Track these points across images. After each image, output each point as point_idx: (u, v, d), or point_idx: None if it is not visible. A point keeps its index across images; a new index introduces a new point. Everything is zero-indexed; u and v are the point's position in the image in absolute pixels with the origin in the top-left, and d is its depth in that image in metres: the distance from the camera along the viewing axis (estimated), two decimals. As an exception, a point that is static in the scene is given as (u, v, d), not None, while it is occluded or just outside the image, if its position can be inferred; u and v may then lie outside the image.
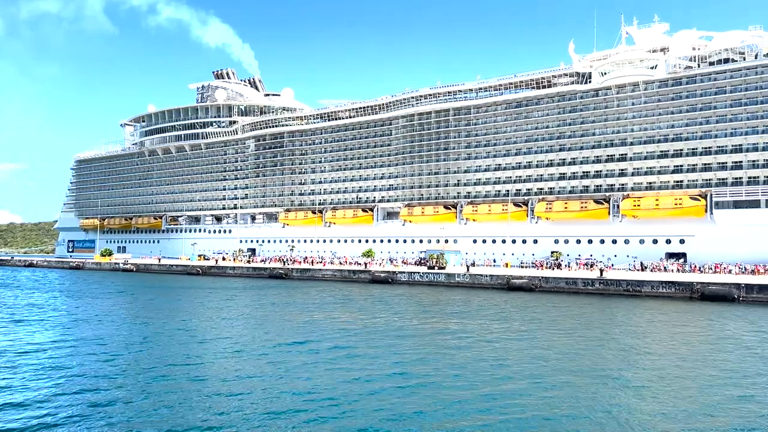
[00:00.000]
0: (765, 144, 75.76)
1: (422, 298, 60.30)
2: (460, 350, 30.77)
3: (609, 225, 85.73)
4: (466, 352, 30.03)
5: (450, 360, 28.20)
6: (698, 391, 22.81)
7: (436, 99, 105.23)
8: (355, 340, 33.65)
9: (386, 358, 28.15)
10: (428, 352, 30.07)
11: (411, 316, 44.60)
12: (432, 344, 32.63)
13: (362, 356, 28.62)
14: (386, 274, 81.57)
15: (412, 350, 30.64)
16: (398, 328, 38.51)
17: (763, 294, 55.28)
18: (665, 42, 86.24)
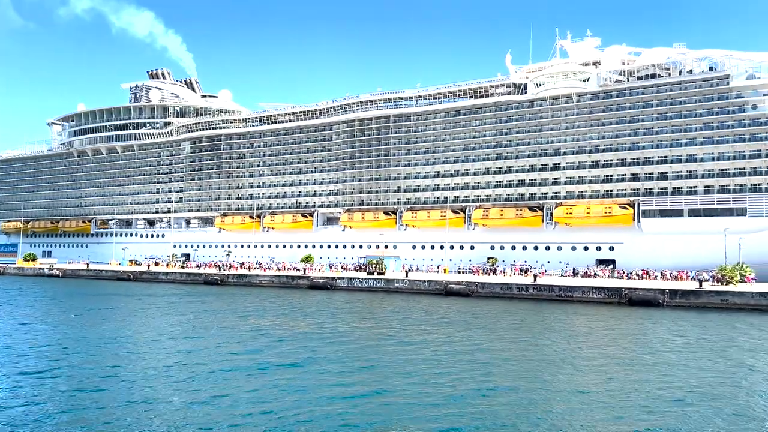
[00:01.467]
0: (688, 156, 79.68)
1: (361, 303, 60.17)
2: (400, 357, 30.79)
3: (543, 232, 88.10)
4: (406, 359, 30.07)
5: (391, 367, 28.15)
6: (634, 392, 23.59)
7: (377, 105, 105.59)
8: (295, 347, 33.15)
9: (330, 367, 27.81)
10: (370, 359, 29.94)
11: (350, 322, 44.39)
12: (372, 351, 32.51)
13: (304, 365, 28.18)
14: (325, 279, 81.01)
15: (354, 357, 30.43)
16: (338, 334, 38.22)
17: (686, 299, 58.01)
18: (597, 56, 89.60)
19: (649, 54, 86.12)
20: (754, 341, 36.87)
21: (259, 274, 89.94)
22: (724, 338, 38.18)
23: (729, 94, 77.38)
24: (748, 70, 77.55)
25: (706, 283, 61.70)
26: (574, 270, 79.88)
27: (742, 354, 32.45)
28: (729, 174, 76.63)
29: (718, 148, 77.60)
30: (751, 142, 75.49)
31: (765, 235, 70.92)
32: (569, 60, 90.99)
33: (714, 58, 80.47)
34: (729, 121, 77.28)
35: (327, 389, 23.65)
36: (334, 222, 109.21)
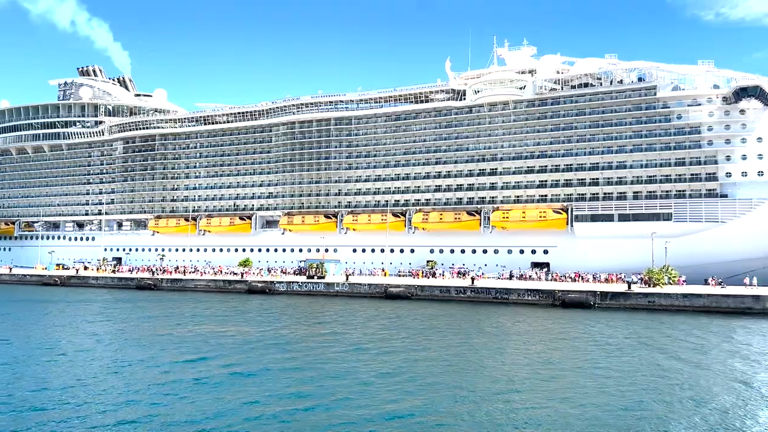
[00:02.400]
0: (618, 163, 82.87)
1: (301, 308, 59.50)
2: (338, 361, 30.53)
3: (480, 236, 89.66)
4: (344, 363, 29.84)
5: (334, 371, 27.85)
6: (572, 389, 24.15)
7: (318, 108, 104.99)
8: (237, 354, 32.35)
9: (274, 374, 27.19)
10: (313, 365, 29.52)
11: (291, 327, 43.80)
12: (314, 356, 32.11)
13: (243, 374, 27.45)
14: (264, 284, 79.76)
15: (296, 363, 29.96)
16: (279, 339, 37.61)
17: (615, 301, 60.20)
18: (533, 64, 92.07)
19: (582, 64, 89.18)
20: (668, 340, 38.54)
21: (195, 279, 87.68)
22: (644, 338, 39.72)
23: (656, 104, 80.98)
24: (673, 81, 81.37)
25: (634, 285, 64.27)
26: (510, 273, 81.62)
27: (655, 353, 33.83)
28: (656, 180, 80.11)
29: (646, 155, 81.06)
30: (676, 151, 79.23)
31: (689, 239, 74.50)
32: (506, 68, 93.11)
33: (642, 70, 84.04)
34: (656, 129, 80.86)
35: (271, 397, 23.15)
36: (273, 225, 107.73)
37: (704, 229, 74.95)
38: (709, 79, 79.37)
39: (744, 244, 71.95)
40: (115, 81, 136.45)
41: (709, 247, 73.46)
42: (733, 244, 72.40)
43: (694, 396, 23.61)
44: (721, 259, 71.98)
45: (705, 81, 79.33)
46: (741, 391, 24.44)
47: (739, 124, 76.14)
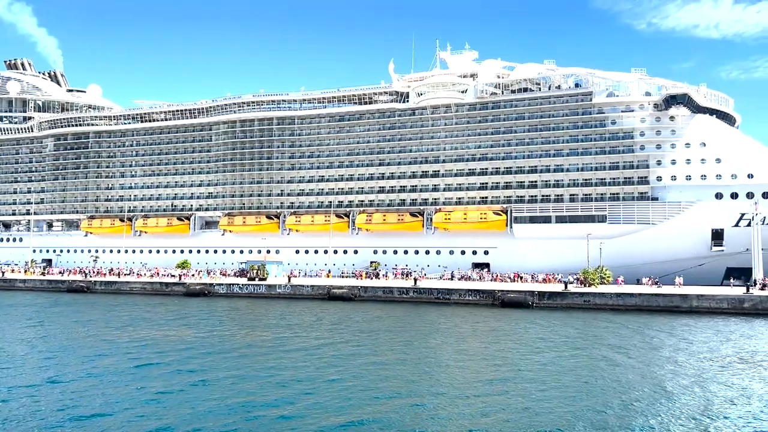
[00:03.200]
0: (555, 166, 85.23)
1: (242, 311, 58.41)
2: (282, 366, 30.06)
3: (423, 237, 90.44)
4: (288, 366, 29.41)
5: (277, 375, 27.37)
6: (515, 389, 24.52)
7: (260, 107, 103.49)
8: (176, 359, 31.38)
9: (219, 378, 26.43)
10: (254, 368, 28.95)
11: (231, 331, 42.90)
12: (254, 359, 31.51)
13: (187, 381, 26.56)
14: (202, 286, 77.89)
15: (236, 369, 29.28)
16: (219, 344, 36.73)
17: (553, 300, 61.80)
18: (474, 68, 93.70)
19: (522, 69, 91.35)
20: (603, 337, 39.86)
21: (130, 281, 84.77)
22: (581, 336, 40.92)
23: (592, 110, 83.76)
24: (608, 87, 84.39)
25: (571, 285, 66.17)
26: (452, 273, 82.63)
27: (593, 350, 34.93)
28: (591, 183, 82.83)
29: (582, 159, 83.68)
30: (611, 155, 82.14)
31: (622, 240, 77.36)
32: (449, 71, 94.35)
33: (579, 76, 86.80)
34: (591, 134, 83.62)
35: (215, 405, 22.50)
36: (213, 226, 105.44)
37: (636, 231, 78.00)
38: (641, 86, 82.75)
39: (673, 245, 75.30)
40: (45, 75, 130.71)
41: (640, 248, 76.54)
42: (663, 245, 75.67)
43: (624, 389, 24.41)
44: (652, 260, 75.11)
45: (638, 88, 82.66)
46: (656, 381, 25.48)
47: (669, 130, 79.62)
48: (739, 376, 27.30)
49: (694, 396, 23.61)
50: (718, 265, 73.78)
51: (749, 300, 55.85)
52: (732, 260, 72.70)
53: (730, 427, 19.78)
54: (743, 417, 20.92)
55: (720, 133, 78.24)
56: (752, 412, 21.52)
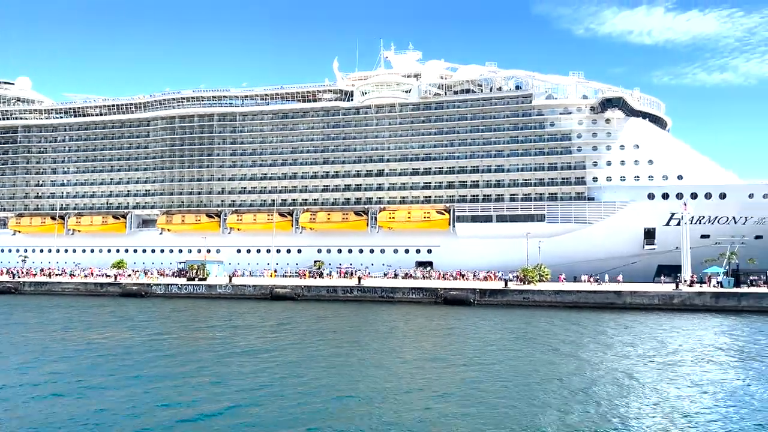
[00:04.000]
0: (496, 167, 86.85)
1: (182, 311, 56.89)
2: (224, 367, 29.39)
3: (368, 236, 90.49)
4: (234, 370, 28.76)
5: (220, 377, 26.72)
6: (457, 386, 24.73)
7: (200, 103, 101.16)
8: (112, 361, 30.18)
9: (152, 385, 25.51)
10: (193, 371, 28.16)
11: (171, 332, 41.68)
12: (193, 360, 30.69)
13: (129, 382, 25.55)
14: (140, 286, 75.47)
15: (177, 371, 28.41)
16: (158, 346, 35.61)
17: (493, 298, 62.92)
18: (418, 69, 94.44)
19: (465, 70, 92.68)
20: (541, 332, 40.90)
21: (62, 282, 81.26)
22: (519, 332, 41.83)
23: (532, 112, 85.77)
24: (547, 90, 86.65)
25: (511, 283, 67.54)
26: (395, 272, 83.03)
27: (531, 345, 35.76)
28: (531, 184, 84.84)
29: (522, 160, 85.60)
30: (549, 156, 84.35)
31: (560, 239, 79.59)
32: (393, 71, 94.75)
33: (520, 78, 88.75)
34: (531, 136, 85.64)
35: (155, 408, 21.73)
36: (150, 225, 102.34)
37: (574, 230, 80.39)
38: (579, 89, 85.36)
39: (608, 243, 78.03)
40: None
41: (577, 247, 78.96)
42: (599, 244, 78.31)
43: (560, 380, 25.06)
44: (588, 258, 77.58)
45: (575, 91, 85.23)
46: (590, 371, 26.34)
47: (604, 132, 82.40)
48: (658, 370, 28.48)
49: (624, 387, 24.45)
50: (650, 263, 76.93)
51: (678, 296, 58.39)
52: (663, 258, 75.94)
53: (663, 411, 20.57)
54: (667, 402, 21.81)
55: (652, 135, 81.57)
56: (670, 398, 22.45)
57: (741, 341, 37.61)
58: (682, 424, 19.69)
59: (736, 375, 27.44)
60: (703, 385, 25.11)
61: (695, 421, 20.02)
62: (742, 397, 23.29)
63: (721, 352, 33.60)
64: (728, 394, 23.75)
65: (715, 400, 22.67)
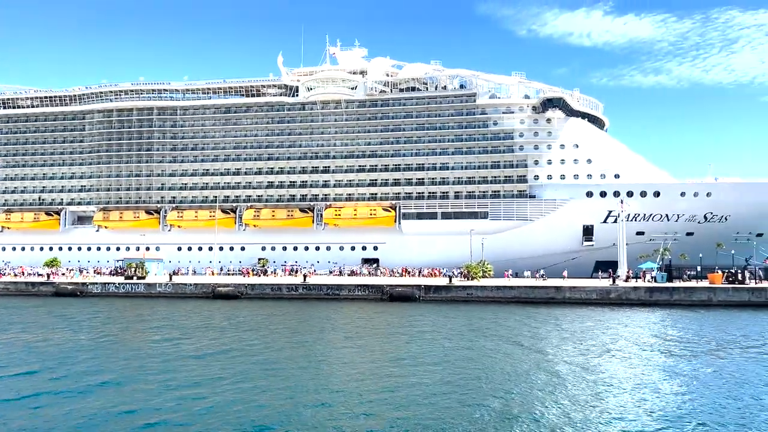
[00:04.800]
0: (441, 164, 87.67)
1: (120, 311, 54.96)
2: (162, 371, 28.50)
3: (313, 233, 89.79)
4: (171, 372, 27.92)
5: (155, 380, 25.87)
6: (402, 381, 24.72)
7: (139, 96, 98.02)
8: (48, 367, 28.79)
9: (91, 389, 24.46)
10: (128, 373, 27.16)
11: (109, 334, 40.17)
12: (129, 363, 29.63)
13: (61, 389, 24.38)
14: (75, 286, 72.54)
15: (115, 374, 27.35)
16: (96, 348, 34.24)
17: (438, 294, 63.54)
18: (364, 66, 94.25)
19: (410, 68, 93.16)
20: (480, 327, 41.57)
21: (-10, 282, 77.21)
22: (457, 327, 42.37)
23: (476, 111, 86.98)
24: (491, 90, 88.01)
25: (455, 279, 68.38)
26: (340, 269, 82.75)
27: (475, 339, 36.29)
28: (475, 181, 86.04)
29: (466, 158, 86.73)
30: (492, 154, 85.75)
31: (502, 236, 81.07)
32: (339, 67, 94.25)
33: (464, 77, 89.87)
34: (475, 134, 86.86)
35: (99, 411, 20.80)
36: (86, 221, 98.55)
37: (516, 227, 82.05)
38: (521, 89, 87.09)
39: (549, 240, 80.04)
40: None
41: (520, 243, 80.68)
42: (540, 240, 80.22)
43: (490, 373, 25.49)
44: (530, 254, 79.37)
45: (518, 91, 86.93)
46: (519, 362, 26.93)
47: (545, 131, 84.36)
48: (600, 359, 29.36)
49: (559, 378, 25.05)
50: (588, 259, 79.30)
51: (615, 291, 60.45)
52: (601, 254, 78.42)
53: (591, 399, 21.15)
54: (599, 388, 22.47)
55: (591, 135, 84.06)
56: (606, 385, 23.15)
57: (670, 334, 39.16)
58: (613, 412, 20.29)
59: (663, 366, 28.51)
60: (624, 378, 25.97)
61: (622, 410, 20.66)
62: (666, 387, 24.21)
63: (651, 344, 34.89)
64: (653, 384, 24.64)
65: (641, 392, 23.48)
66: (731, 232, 75.63)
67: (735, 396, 22.59)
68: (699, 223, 78.05)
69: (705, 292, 58.50)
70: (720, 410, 20.67)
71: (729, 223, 77.02)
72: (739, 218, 76.45)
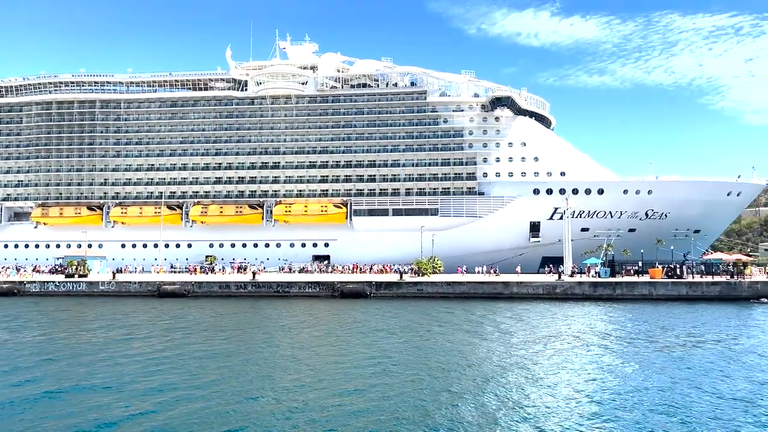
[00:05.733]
0: (393, 161, 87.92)
1: (60, 311, 52.90)
2: (108, 372, 27.55)
3: (263, 230, 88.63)
4: (117, 373, 27.01)
5: (102, 385, 24.96)
6: (350, 377, 24.59)
7: (80, 88, 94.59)
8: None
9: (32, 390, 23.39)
10: (69, 376, 26.13)
11: (47, 334, 38.57)
12: (70, 365, 28.52)
13: None
14: (11, 284, 69.45)
15: (55, 381, 26.25)
16: (31, 350, 32.82)
17: (389, 290, 63.68)
18: (315, 61, 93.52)
19: (361, 65, 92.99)
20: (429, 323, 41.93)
21: None
22: (413, 322, 42.63)
23: (426, 108, 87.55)
24: (441, 87, 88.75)
25: (405, 275, 68.68)
26: (289, 266, 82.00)
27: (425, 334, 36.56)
28: (426, 178, 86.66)
29: (417, 155, 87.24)
30: (443, 152, 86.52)
31: (452, 232, 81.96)
32: (289, 62, 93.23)
33: (415, 75, 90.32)
34: (426, 132, 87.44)
35: (41, 416, 19.87)
36: (24, 218, 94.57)
37: (465, 223, 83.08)
38: (470, 87, 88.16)
39: (498, 236, 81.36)
40: None
41: (469, 239, 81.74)
42: (489, 237, 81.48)
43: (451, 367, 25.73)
44: (480, 250, 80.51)
45: (467, 89, 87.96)
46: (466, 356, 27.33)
47: (494, 130, 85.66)
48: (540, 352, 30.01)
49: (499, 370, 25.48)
50: (535, 254, 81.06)
51: (560, 286, 61.88)
52: (547, 250, 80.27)
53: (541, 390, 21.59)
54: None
55: (538, 134, 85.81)
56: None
57: (609, 327, 40.35)
58: (558, 404, 20.74)
59: (605, 357, 29.34)
60: (568, 367, 26.63)
61: (569, 401, 21.15)
62: (607, 376, 24.93)
63: (589, 336, 35.87)
64: (596, 374, 25.33)
65: (581, 381, 24.11)
66: (671, 229, 78.60)
67: (663, 383, 23.40)
68: (641, 220, 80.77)
69: (646, 286, 60.53)
70: (649, 396, 21.38)
71: (669, 219, 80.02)
72: (678, 215, 79.54)
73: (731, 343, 32.92)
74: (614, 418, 18.88)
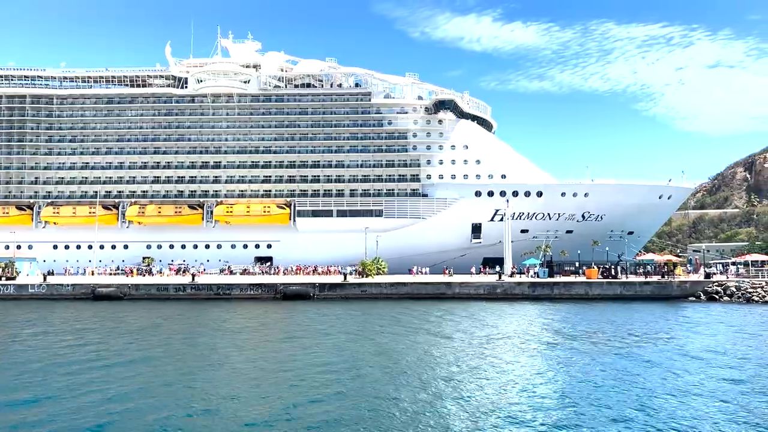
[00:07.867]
0: (337, 162, 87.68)
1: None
2: (38, 382, 26.31)
3: (203, 230, 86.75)
4: (48, 383, 25.82)
5: (27, 397, 23.78)
6: (295, 381, 24.28)
7: (9, 82, 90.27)
8: None
9: None
10: None
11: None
12: None
13: None
14: (-71, 288, 65.41)
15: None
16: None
17: (333, 291, 63.43)
18: (258, 59, 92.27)
19: (305, 64, 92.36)
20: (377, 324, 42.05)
21: None
22: (354, 324, 42.61)
23: (371, 110, 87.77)
24: (386, 89, 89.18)
25: (350, 276, 68.56)
26: (230, 268, 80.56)
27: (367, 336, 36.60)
28: (370, 180, 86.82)
29: (362, 156, 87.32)
30: (387, 153, 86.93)
31: (396, 233, 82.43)
32: (231, 60, 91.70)
33: (359, 76, 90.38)
34: (370, 133, 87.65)
35: None
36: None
37: (409, 225, 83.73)
38: (414, 90, 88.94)
39: (441, 237, 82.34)
40: None
41: (413, 240, 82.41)
42: (433, 238, 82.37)
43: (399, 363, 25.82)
44: (423, 251, 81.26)
45: (411, 92, 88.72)
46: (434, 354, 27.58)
47: (437, 132, 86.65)
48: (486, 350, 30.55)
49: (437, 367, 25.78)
50: (476, 255, 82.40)
51: (501, 286, 63.10)
52: (488, 251, 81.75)
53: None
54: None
55: (480, 137, 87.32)
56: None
57: (552, 325, 41.43)
58: (500, 401, 21.11)
59: (541, 356, 30.10)
60: (503, 367, 27.20)
61: (511, 397, 21.57)
62: (545, 374, 25.58)
63: (526, 335, 36.75)
64: (532, 372, 25.95)
65: (519, 379, 24.65)
66: (606, 230, 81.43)
67: (592, 380, 24.19)
68: (577, 222, 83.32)
69: (582, 286, 62.46)
70: (577, 392, 22.04)
71: (604, 221, 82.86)
72: (612, 217, 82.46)
73: (668, 340, 34.31)
74: (551, 415, 19.32)
